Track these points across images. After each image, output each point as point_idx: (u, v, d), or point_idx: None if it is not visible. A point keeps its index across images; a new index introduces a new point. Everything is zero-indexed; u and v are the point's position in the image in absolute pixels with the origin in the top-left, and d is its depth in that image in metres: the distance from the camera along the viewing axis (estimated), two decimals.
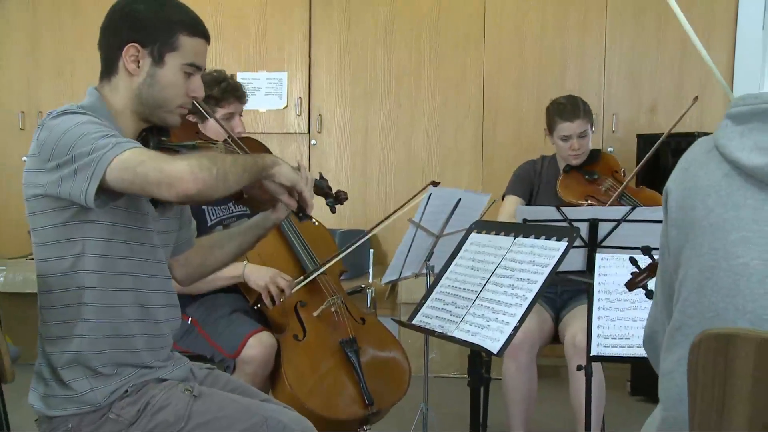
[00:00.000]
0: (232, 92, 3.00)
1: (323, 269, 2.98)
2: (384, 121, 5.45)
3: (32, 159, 1.89)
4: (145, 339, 2.01)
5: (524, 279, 1.87)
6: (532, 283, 1.85)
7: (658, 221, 1.49)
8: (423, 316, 2.00)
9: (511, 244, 1.97)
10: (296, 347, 2.86)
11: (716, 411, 1.06)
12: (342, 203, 2.63)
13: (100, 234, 1.91)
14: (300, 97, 5.45)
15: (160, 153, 1.83)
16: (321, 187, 2.48)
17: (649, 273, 2.29)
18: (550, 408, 3.81)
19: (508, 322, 1.80)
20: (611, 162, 3.73)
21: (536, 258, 1.89)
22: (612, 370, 3.74)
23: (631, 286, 2.35)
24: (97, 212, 1.86)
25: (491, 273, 1.94)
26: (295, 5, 5.44)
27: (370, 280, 3.50)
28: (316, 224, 3.22)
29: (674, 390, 1.29)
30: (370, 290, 3.32)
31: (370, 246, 4.02)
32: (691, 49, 4.87)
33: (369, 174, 5.47)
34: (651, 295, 2.37)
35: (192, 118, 2.65)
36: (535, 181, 3.68)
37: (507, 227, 2.06)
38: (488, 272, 1.95)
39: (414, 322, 2.00)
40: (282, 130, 5.46)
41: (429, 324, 1.95)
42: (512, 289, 1.86)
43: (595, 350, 2.55)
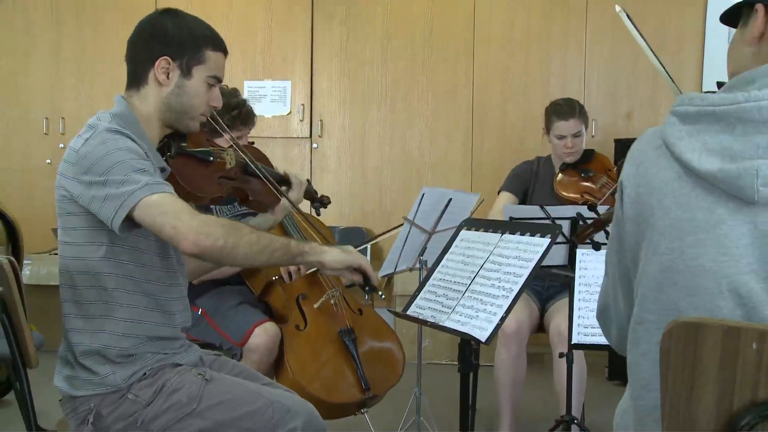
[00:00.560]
0: (242, 121, 2.98)
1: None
2: (380, 126, 5.44)
3: (69, 166, 1.89)
4: (162, 337, 2.02)
5: (510, 273, 1.87)
6: (518, 277, 1.85)
7: None
8: (416, 307, 2.00)
9: (499, 241, 1.97)
10: (298, 336, 2.86)
11: (686, 392, 1.07)
12: (326, 207, 2.71)
13: (124, 241, 1.92)
14: (302, 104, 5.44)
15: (184, 205, 1.81)
16: (309, 192, 2.55)
17: (595, 228, 2.38)
18: (535, 392, 3.82)
19: (496, 313, 1.80)
20: (605, 161, 3.72)
21: (522, 253, 1.89)
22: (591, 357, 3.75)
23: (580, 239, 2.48)
24: None
25: (480, 267, 1.94)
26: (298, 20, 5.44)
27: None
28: (317, 219, 3.22)
29: (642, 381, 1.29)
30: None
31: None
32: (664, 61, 4.87)
33: (366, 174, 5.46)
34: (598, 247, 2.42)
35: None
36: (531, 181, 3.68)
37: (495, 225, 2.06)
38: (477, 266, 1.95)
39: (408, 313, 2.00)
40: (286, 135, 5.45)
41: (422, 314, 1.95)
42: (499, 282, 1.86)
43: (576, 339, 2.56)
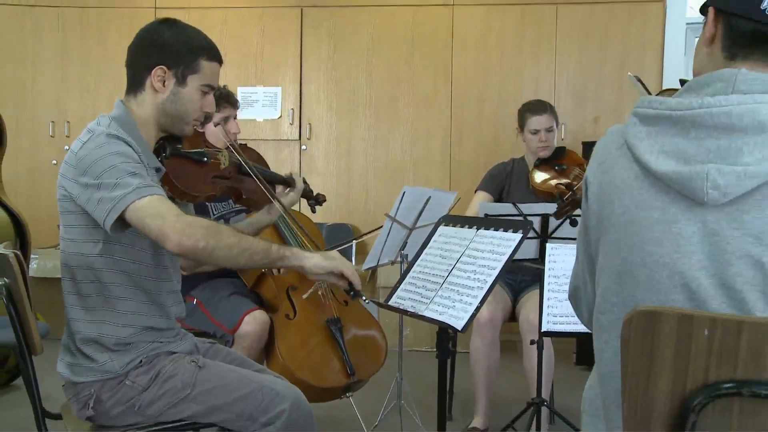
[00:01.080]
0: (225, 99, 3.01)
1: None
2: (365, 130, 5.44)
3: (68, 167, 1.87)
4: (157, 328, 2.01)
5: (485, 266, 1.87)
6: (492, 269, 1.84)
7: None
8: (398, 298, 1.99)
9: (474, 236, 1.97)
10: (288, 325, 2.85)
11: (644, 377, 1.08)
12: (321, 204, 2.69)
13: (119, 239, 1.90)
14: (292, 109, 5.42)
15: (171, 207, 1.79)
16: (306, 191, 2.52)
17: (572, 206, 2.47)
18: (508, 376, 3.83)
19: (471, 303, 1.80)
20: (576, 156, 3.73)
21: (495, 248, 1.89)
22: (560, 344, 3.77)
23: (559, 216, 2.55)
24: None
25: (456, 261, 1.94)
26: (289, 30, 5.43)
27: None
28: (305, 218, 3.21)
29: (604, 369, 1.30)
30: None
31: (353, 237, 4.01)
32: (628, 69, 4.91)
33: (352, 175, 5.46)
34: (575, 223, 2.46)
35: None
36: (506, 181, 3.68)
37: (470, 221, 2.06)
38: (454, 260, 1.94)
39: (390, 303, 2.00)
40: (276, 137, 5.44)
41: (403, 305, 1.95)
42: (475, 275, 1.86)
43: (546, 327, 2.56)
